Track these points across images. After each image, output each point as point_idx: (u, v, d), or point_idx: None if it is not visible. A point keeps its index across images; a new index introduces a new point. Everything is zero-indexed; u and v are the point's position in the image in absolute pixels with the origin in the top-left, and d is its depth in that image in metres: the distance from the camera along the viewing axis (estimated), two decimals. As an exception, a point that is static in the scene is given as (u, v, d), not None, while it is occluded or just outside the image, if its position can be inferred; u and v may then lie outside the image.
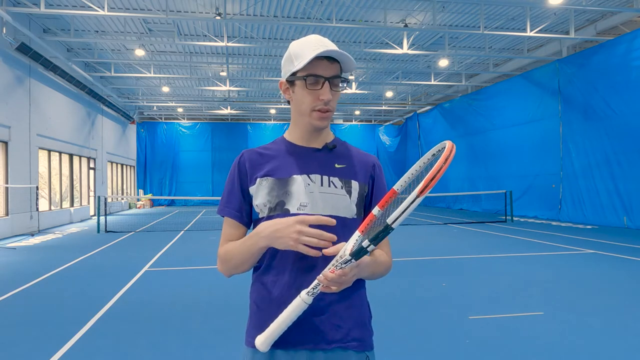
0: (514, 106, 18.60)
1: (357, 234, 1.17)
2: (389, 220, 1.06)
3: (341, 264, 1.13)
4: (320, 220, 1.17)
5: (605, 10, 12.51)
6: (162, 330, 4.40)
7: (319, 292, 1.17)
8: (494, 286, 6.08)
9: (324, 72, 1.30)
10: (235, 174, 1.40)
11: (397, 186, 1.19)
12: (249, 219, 1.41)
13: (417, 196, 1.03)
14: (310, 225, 1.19)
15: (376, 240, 1.08)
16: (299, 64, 1.29)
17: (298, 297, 1.18)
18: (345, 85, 1.35)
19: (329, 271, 1.14)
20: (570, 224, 14.35)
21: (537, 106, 17.20)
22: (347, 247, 1.16)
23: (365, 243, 1.10)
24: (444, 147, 1.07)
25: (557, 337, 4.07)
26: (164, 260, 8.49)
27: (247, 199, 1.39)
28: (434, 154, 1.14)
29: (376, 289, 5.58)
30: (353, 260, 1.12)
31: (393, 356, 3.69)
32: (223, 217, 1.41)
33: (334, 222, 1.18)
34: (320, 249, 1.18)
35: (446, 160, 1.03)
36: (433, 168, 1.03)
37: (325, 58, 1.30)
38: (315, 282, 1.16)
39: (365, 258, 1.20)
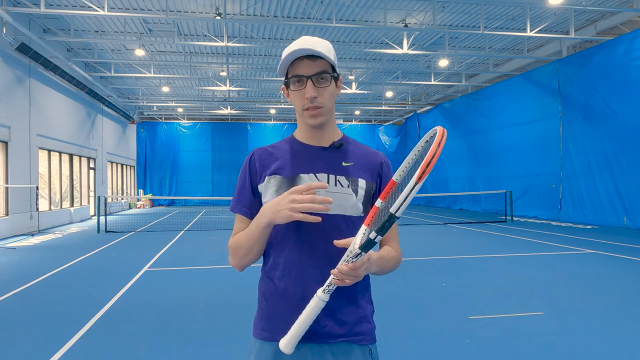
0: (514, 106, 18.59)
1: (363, 228, 1.21)
2: (392, 210, 1.10)
3: (352, 257, 1.17)
4: (311, 185, 1.21)
5: (605, 10, 12.50)
6: (162, 330, 4.40)
7: (334, 288, 1.21)
8: (494, 286, 6.08)
9: (305, 71, 1.33)
10: (246, 172, 1.45)
11: (396, 176, 1.24)
12: None
13: (416, 183, 1.07)
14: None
15: (382, 230, 1.12)
16: (284, 69, 1.37)
17: (315, 296, 1.22)
18: (331, 77, 1.35)
19: (343, 265, 1.18)
20: (570, 224, 14.35)
21: (537, 106, 17.19)
22: (356, 241, 1.20)
23: (372, 235, 1.13)
24: (436, 133, 1.12)
25: (557, 337, 4.07)
26: (164, 260, 8.49)
27: (257, 196, 1.43)
28: (426, 141, 1.18)
29: (376, 289, 5.57)
30: (363, 253, 1.16)
31: (393, 356, 3.69)
32: (234, 213, 1.46)
33: (326, 185, 1.23)
34: (323, 215, 1.25)
35: (439, 145, 1.08)
36: (427, 154, 1.08)
37: (306, 57, 1.33)
38: (330, 279, 1.21)
39: (373, 255, 1.25)
